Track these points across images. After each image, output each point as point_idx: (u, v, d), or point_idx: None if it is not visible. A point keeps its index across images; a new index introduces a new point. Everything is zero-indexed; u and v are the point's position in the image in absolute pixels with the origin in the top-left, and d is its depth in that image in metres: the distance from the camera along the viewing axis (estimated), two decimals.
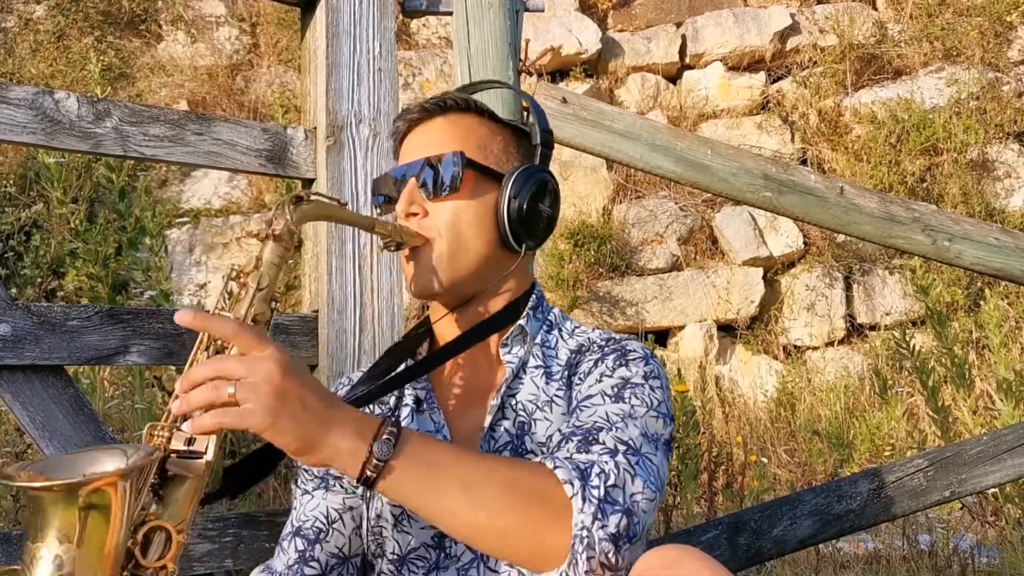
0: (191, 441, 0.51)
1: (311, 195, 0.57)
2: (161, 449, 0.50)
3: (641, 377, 0.62)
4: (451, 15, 1.15)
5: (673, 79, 3.90)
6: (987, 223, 1.26)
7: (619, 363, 0.63)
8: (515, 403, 0.66)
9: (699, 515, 1.74)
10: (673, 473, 1.72)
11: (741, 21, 3.83)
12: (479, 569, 0.62)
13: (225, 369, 0.49)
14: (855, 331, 3.32)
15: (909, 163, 3.40)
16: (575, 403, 0.63)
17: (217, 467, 0.53)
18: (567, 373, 0.66)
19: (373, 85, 1.10)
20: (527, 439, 0.64)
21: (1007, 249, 1.20)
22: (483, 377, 0.68)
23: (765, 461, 2.32)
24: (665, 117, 3.71)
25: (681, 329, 3.25)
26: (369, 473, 0.51)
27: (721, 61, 3.83)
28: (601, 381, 0.62)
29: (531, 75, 1.19)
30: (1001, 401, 2.23)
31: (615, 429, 0.58)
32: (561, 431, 0.61)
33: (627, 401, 0.60)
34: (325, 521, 0.66)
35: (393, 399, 0.69)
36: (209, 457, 0.51)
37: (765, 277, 3.36)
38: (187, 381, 0.50)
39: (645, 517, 0.54)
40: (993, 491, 1.86)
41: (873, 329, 3.29)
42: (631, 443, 0.57)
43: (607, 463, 0.54)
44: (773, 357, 3.26)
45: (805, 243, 3.44)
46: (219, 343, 0.53)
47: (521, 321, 0.67)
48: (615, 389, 0.61)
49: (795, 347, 3.28)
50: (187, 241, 3.05)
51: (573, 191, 3.41)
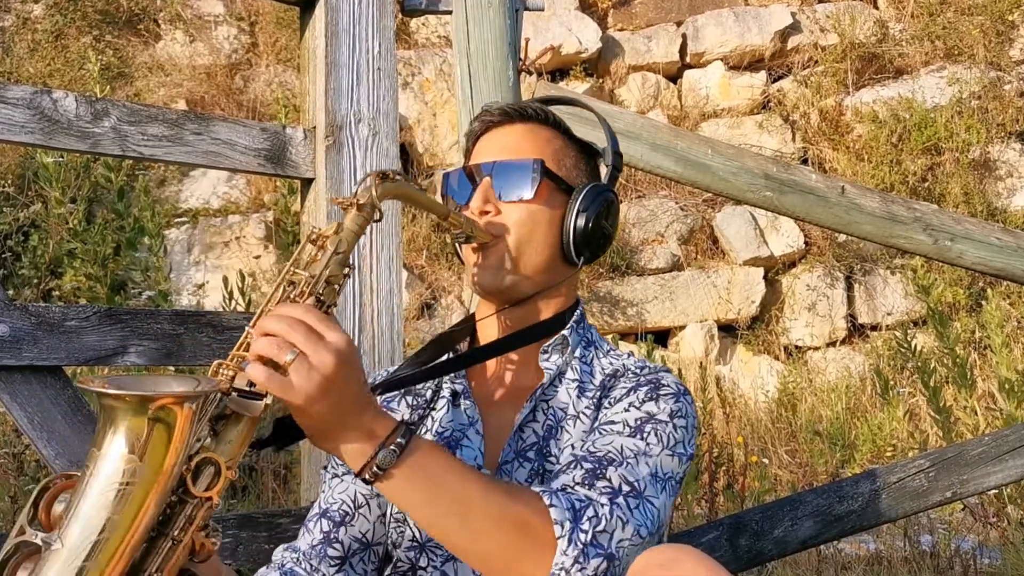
0: (253, 384, 0.52)
1: (396, 173, 0.59)
2: (225, 385, 0.52)
3: (667, 415, 0.64)
4: (450, 14, 1.15)
5: (673, 78, 3.90)
6: (989, 223, 1.26)
7: (650, 396, 0.65)
8: (546, 408, 0.68)
9: (700, 516, 1.74)
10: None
11: (742, 20, 3.82)
12: None
13: (295, 336, 0.51)
14: (856, 331, 3.32)
15: (910, 162, 3.40)
16: (599, 423, 0.65)
17: (271, 414, 0.55)
18: (599, 395, 0.68)
19: (372, 84, 1.10)
20: (552, 443, 0.66)
21: (1009, 249, 1.19)
22: (520, 379, 0.70)
23: (766, 462, 2.32)
24: (665, 116, 3.70)
25: (682, 329, 3.24)
26: (367, 476, 0.54)
27: (722, 60, 3.83)
28: (628, 411, 0.64)
29: (531, 74, 1.19)
30: (1003, 401, 2.22)
31: (625, 465, 0.59)
32: (574, 452, 0.63)
33: (645, 438, 0.62)
34: (352, 505, 0.68)
35: (430, 391, 0.71)
36: (268, 400, 0.52)
37: (766, 277, 3.36)
38: (261, 326, 0.52)
39: (628, 559, 0.56)
40: (995, 492, 1.85)
41: (874, 329, 3.29)
42: (636, 484, 0.59)
43: (604, 506, 0.56)
44: (774, 357, 3.26)
45: (806, 243, 3.44)
46: (292, 296, 0.55)
47: (565, 331, 0.70)
48: (638, 422, 0.63)
49: (796, 347, 3.28)
50: (186, 241, 3.05)
51: None
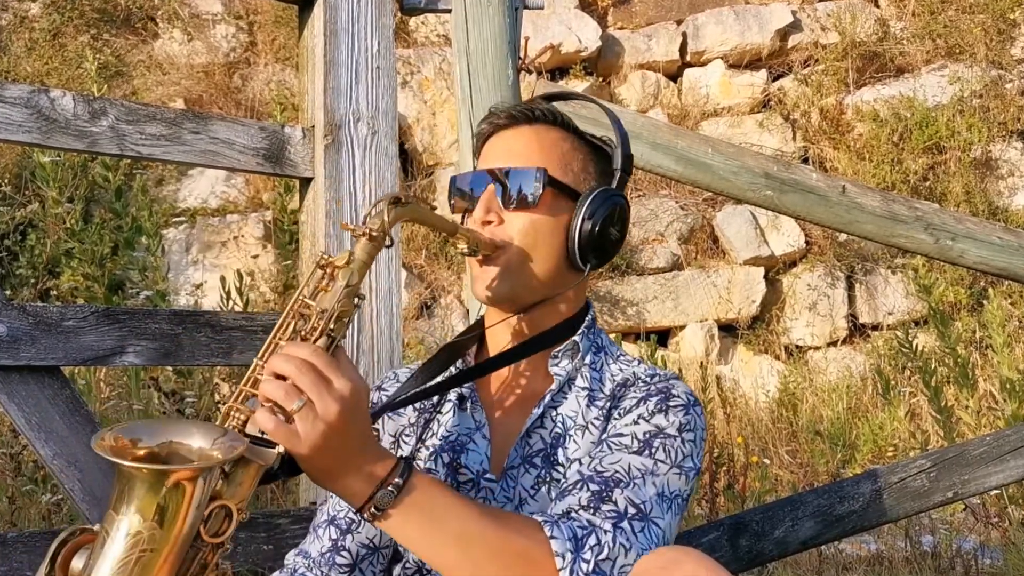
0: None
1: (409, 197, 0.59)
2: (242, 436, 0.53)
3: (676, 428, 0.64)
4: (450, 12, 1.15)
5: (674, 77, 3.89)
6: (990, 222, 1.25)
7: (660, 408, 0.65)
8: (555, 415, 0.68)
9: (700, 516, 1.74)
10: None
11: (742, 18, 3.82)
12: None
13: (303, 380, 0.52)
14: (857, 331, 3.31)
15: (912, 161, 3.39)
16: (607, 435, 0.65)
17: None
18: (609, 405, 0.67)
19: (371, 83, 1.10)
20: (559, 451, 0.66)
21: (1010, 248, 1.19)
22: (529, 384, 0.70)
23: (767, 462, 2.31)
24: (666, 115, 3.69)
25: (682, 329, 3.24)
26: (367, 516, 0.55)
27: (722, 59, 3.82)
28: (637, 423, 0.64)
29: (530, 73, 1.19)
30: (1004, 401, 2.22)
31: (632, 487, 0.60)
32: (581, 470, 0.62)
33: (653, 454, 0.62)
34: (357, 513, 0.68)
35: (435, 398, 0.71)
36: (281, 449, 0.53)
37: (766, 276, 3.35)
38: (272, 365, 0.53)
39: None
40: (996, 492, 1.85)
41: (875, 329, 3.28)
42: (642, 507, 0.59)
43: (607, 533, 0.56)
44: (775, 357, 3.25)
45: (807, 242, 3.43)
46: (303, 333, 0.55)
47: (576, 337, 0.69)
48: (646, 436, 0.63)
49: (797, 347, 3.27)
50: (184, 240, 3.04)
51: None
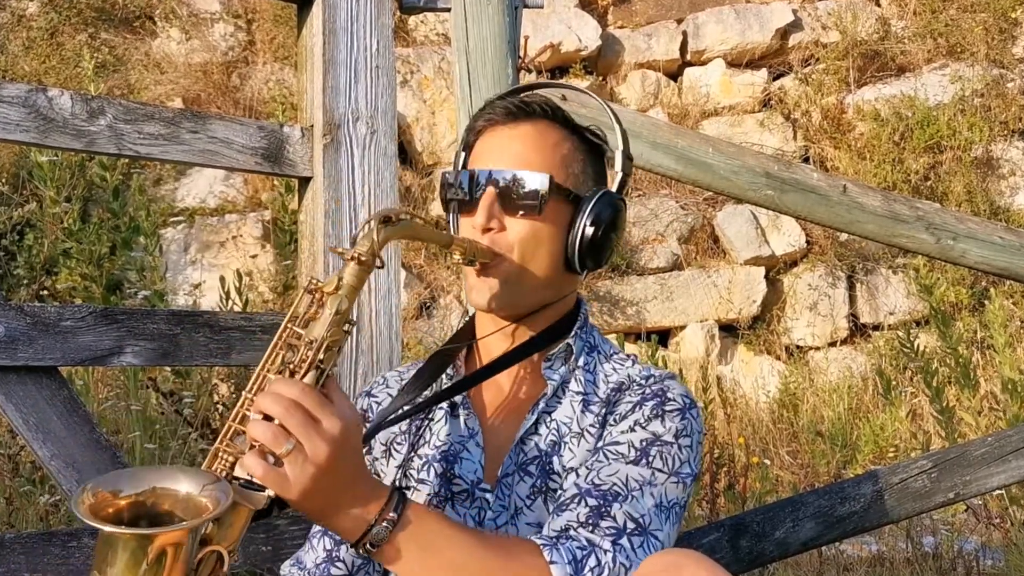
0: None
1: (399, 215, 0.57)
2: (229, 482, 0.52)
3: (672, 435, 0.63)
4: (449, 11, 1.14)
5: (674, 76, 3.88)
6: (992, 221, 1.25)
7: (655, 413, 0.64)
8: (550, 420, 0.66)
9: (700, 517, 1.73)
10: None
11: (743, 17, 3.81)
12: None
13: (291, 421, 0.51)
14: (858, 331, 3.30)
15: (913, 161, 3.38)
16: (603, 443, 0.64)
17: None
18: (604, 411, 0.66)
19: (370, 82, 1.09)
20: (555, 459, 0.65)
21: (1012, 248, 1.18)
22: (522, 389, 0.69)
23: (767, 462, 2.31)
24: (666, 114, 3.69)
25: (682, 329, 3.23)
26: (362, 552, 0.54)
27: (722, 58, 3.81)
28: (634, 431, 0.63)
29: (530, 72, 1.18)
30: (1006, 401, 2.21)
31: (630, 500, 0.59)
32: (578, 482, 0.61)
33: (650, 463, 0.61)
34: None
35: (428, 398, 0.70)
36: (271, 492, 0.52)
37: (767, 276, 3.34)
38: (259, 405, 0.52)
39: None
40: (998, 493, 1.84)
41: (876, 329, 3.27)
42: (641, 520, 0.58)
43: (607, 552, 0.56)
44: (775, 357, 3.25)
45: (807, 242, 3.42)
46: (291, 366, 0.54)
47: (569, 340, 0.68)
48: (643, 444, 0.62)
49: (797, 347, 3.27)
50: (182, 240, 3.04)
51: None
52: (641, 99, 3.75)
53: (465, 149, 0.71)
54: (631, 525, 0.57)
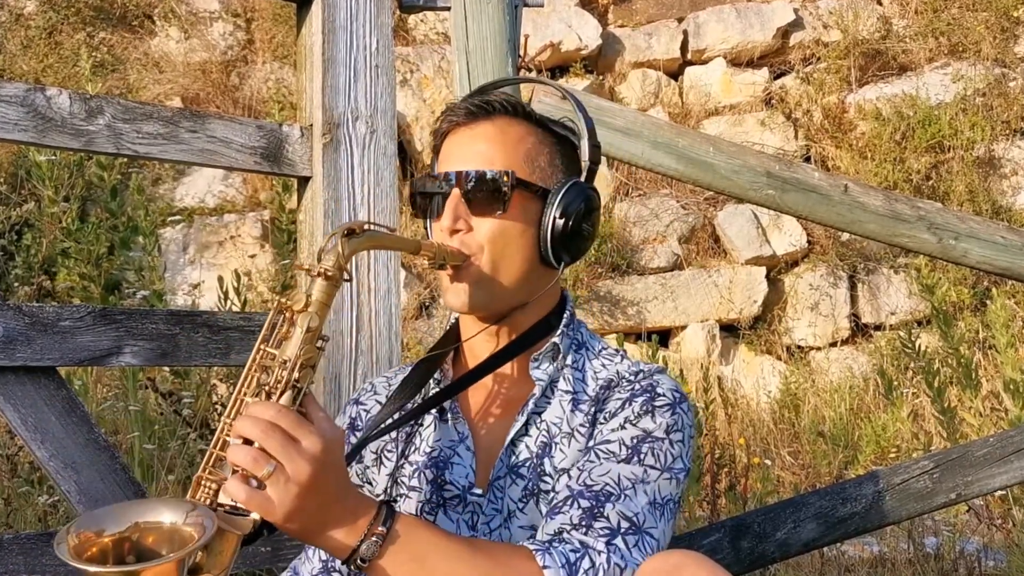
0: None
1: (364, 226, 0.56)
2: (213, 510, 0.52)
3: (663, 430, 0.63)
4: (449, 10, 1.14)
5: (675, 75, 3.88)
6: (994, 221, 1.24)
7: (645, 410, 0.64)
8: (540, 421, 0.66)
9: (701, 518, 1.73)
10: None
11: (743, 16, 3.80)
12: None
13: (270, 443, 0.51)
14: (860, 331, 3.29)
15: (914, 160, 3.37)
16: (594, 442, 0.63)
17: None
18: (593, 410, 0.66)
19: (370, 82, 1.09)
20: (546, 460, 0.64)
21: (1014, 248, 1.18)
22: (511, 391, 0.68)
23: (768, 463, 2.30)
24: (667, 114, 3.68)
25: (683, 329, 3.23)
26: (353, 567, 0.54)
27: (723, 57, 3.81)
28: (624, 428, 0.63)
29: (530, 71, 1.18)
30: (1008, 402, 2.20)
31: (623, 499, 0.59)
32: (570, 484, 0.61)
33: (642, 460, 0.61)
34: None
35: (417, 407, 0.69)
36: (256, 516, 0.52)
37: (768, 276, 3.34)
38: (237, 429, 0.52)
39: None
40: (1000, 493, 1.83)
41: (878, 329, 3.26)
42: (635, 519, 0.58)
43: (600, 553, 0.55)
44: (776, 358, 3.24)
45: (809, 242, 3.41)
46: (267, 388, 0.54)
47: (555, 339, 0.68)
48: (634, 442, 0.62)
49: (799, 347, 3.26)
50: (181, 240, 3.04)
51: None
52: (642, 98, 3.74)
53: (435, 153, 0.71)
54: (625, 524, 0.57)
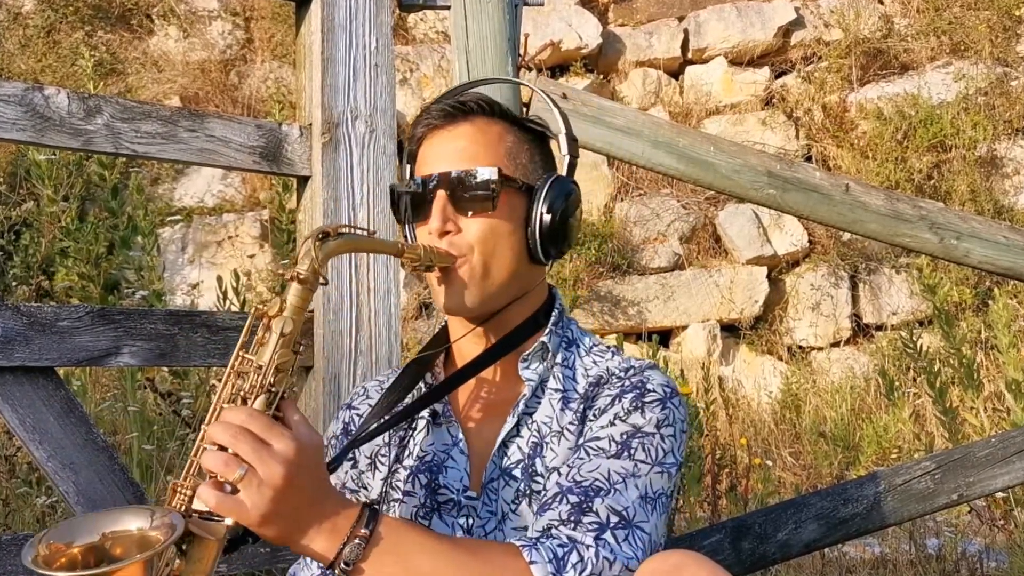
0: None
1: (338, 229, 0.56)
2: (184, 514, 0.51)
3: (653, 425, 0.62)
4: (448, 9, 1.13)
5: (675, 74, 3.87)
6: (995, 221, 1.24)
7: (635, 405, 0.63)
8: (531, 422, 0.66)
9: (702, 519, 1.73)
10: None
11: (744, 15, 3.79)
12: None
13: (241, 447, 0.51)
14: (861, 331, 3.29)
15: (916, 160, 3.37)
16: (583, 439, 0.63)
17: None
18: (583, 407, 0.65)
19: (369, 81, 1.08)
20: (538, 461, 0.64)
21: (1016, 247, 1.17)
22: (501, 391, 0.68)
23: (769, 464, 2.30)
24: (667, 113, 3.68)
25: (684, 329, 3.22)
26: (338, 572, 0.53)
27: (724, 56, 3.80)
28: (614, 424, 0.62)
29: (530, 70, 1.17)
30: (1010, 402, 2.20)
31: (612, 494, 0.58)
32: (560, 481, 0.61)
33: (632, 455, 0.60)
34: None
35: (405, 408, 0.69)
36: (230, 521, 0.51)
37: (769, 276, 3.33)
38: (209, 435, 0.52)
39: None
40: (1002, 494, 1.83)
41: (879, 329, 3.26)
42: (625, 513, 0.57)
43: (589, 547, 0.55)
44: (777, 358, 3.23)
45: (810, 242, 3.41)
46: (243, 394, 0.54)
47: (544, 338, 0.67)
48: (624, 437, 0.61)
49: (800, 347, 3.25)
50: (180, 240, 3.04)
51: None
52: (642, 97, 3.74)
53: (410, 160, 0.70)
54: (614, 519, 0.56)
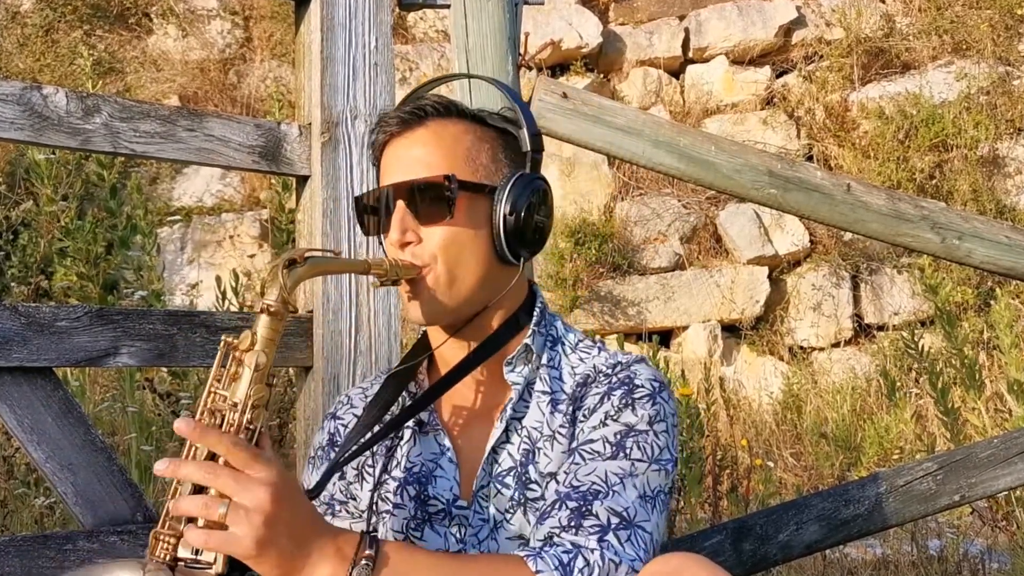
0: (199, 550, 0.50)
1: (304, 255, 0.55)
2: (170, 564, 0.50)
3: (646, 422, 0.62)
4: (448, 8, 1.13)
5: (676, 73, 3.87)
6: (997, 221, 1.24)
7: (625, 403, 0.62)
8: (519, 427, 0.65)
9: (703, 520, 1.72)
10: (677, 477, 1.69)
11: (745, 14, 3.79)
12: None
13: (219, 484, 0.49)
14: (862, 331, 3.28)
15: (918, 159, 3.36)
16: (577, 443, 0.62)
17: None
18: (572, 408, 0.64)
19: (369, 80, 1.08)
20: (530, 468, 0.63)
21: (1018, 248, 1.17)
22: (487, 397, 0.67)
23: (771, 465, 2.29)
24: (668, 113, 3.67)
25: (684, 330, 3.22)
26: None
27: (725, 55, 3.79)
28: (606, 424, 0.62)
29: (531, 69, 1.17)
30: (1012, 403, 2.19)
31: (611, 496, 0.58)
32: (558, 488, 0.60)
33: (628, 455, 0.60)
34: None
35: (390, 421, 0.68)
36: (218, 568, 0.50)
37: (770, 276, 3.33)
38: (186, 475, 0.50)
39: None
40: (1004, 495, 1.82)
41: (881, 329, 3.25)
42: (625, 514, 0.57)
43: (593, 551, 0.55)
44: (779, 358, 3.23)
45: (811, 241, 3.40)
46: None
47: (527, 340, 0.66)
48: (617, 438, 0.61)
49: (801, 348, 3.25)
50: (179, 239, 3.04)
51: (574, 188, 3.38)
52: (643, 97, 3.73)
53: (376, 167, 0.69)
54: (615, 520, 0.56)
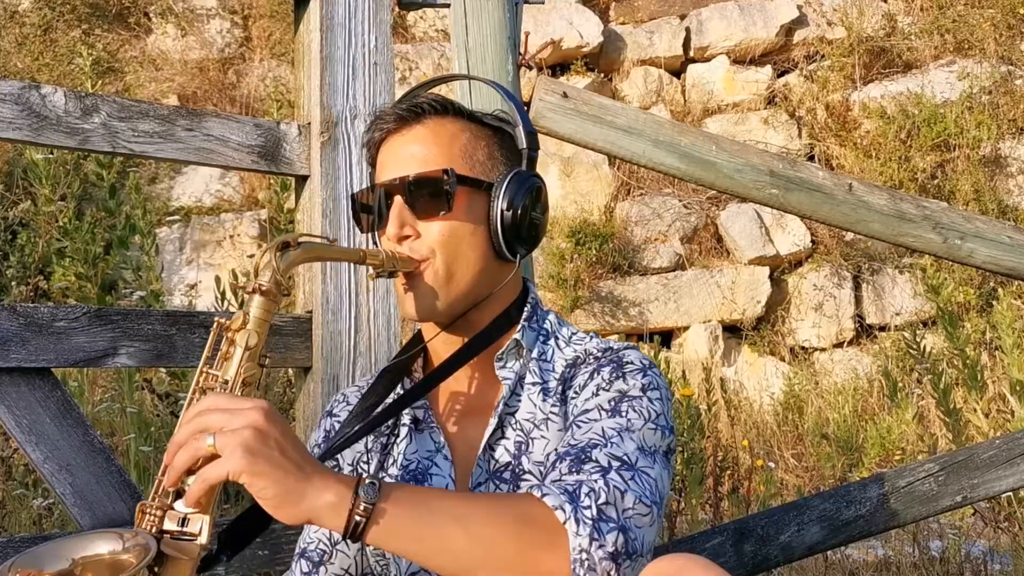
0: (184, 521, 0.50)
1: (298, 239, 0.56)
2: (155, 534, 0.50)
3: (639, 390, 0.62)
4: (448, 7, 1.13)
5: (677, 73, 3.86)
6: (1000, 221, 1.23)
7: (616, 375, 0.62)
8: (513, 421, 0.65)
9: (704, 521, 1.72)
10: (678, 478, 1.69)
11: (746, 13, 3.78)
12: None
13: (204, 422, 0.49)
14: (864, 332, 3.28)
15: (920, 159, 3.35)
16: (571, 418, 0.62)
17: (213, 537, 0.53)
18: (562, 388, 0.65)
19: (368, 80, 1.08)
20: (524, 459, 0.63)
21: (1020, 248, 1.16)
22: (480, 393, 0.67)
23: (772, 465, 2.29)
24: (669, 112, 3.67)
25: (685, 330, 3.21)
26: (358, 518, 0.49)
27: (726, 55, 3.79)
28: (598, 395, 0.62)
29: (531, 69, 1.17)
30: (1015, 403, 2.18)
31: (610, 445, 0.57)
32: (557, 450, 0.60)
33: (624, 415, 0.60)
34: (329, 543, 0.66)
35: (390, 420, 0.68)
36: (203, 540, 0.50)
37: (772, 276, 3.32)
38: (174, 440, 0.50)
39: (642, 532, 0.54)
40: (1006, 496, 1.82)
41: (883, 330, 3.25)
42: (626, 458, 0.56)
43: (596, 482, 0.54)
44: (780, 359, 3.22)
45: (813, 241, 3.40)
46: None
47: (516, 335, 0.67)
48: (612, 403, 0.61)
49: (802, 348, 3.24)
50: (178, 239, 3.04)
51: (574, 188, 3.38)
52: (644, 96, 3.72)
53: (371, 165, 0.69)
54: (616, 463, 0.55)
